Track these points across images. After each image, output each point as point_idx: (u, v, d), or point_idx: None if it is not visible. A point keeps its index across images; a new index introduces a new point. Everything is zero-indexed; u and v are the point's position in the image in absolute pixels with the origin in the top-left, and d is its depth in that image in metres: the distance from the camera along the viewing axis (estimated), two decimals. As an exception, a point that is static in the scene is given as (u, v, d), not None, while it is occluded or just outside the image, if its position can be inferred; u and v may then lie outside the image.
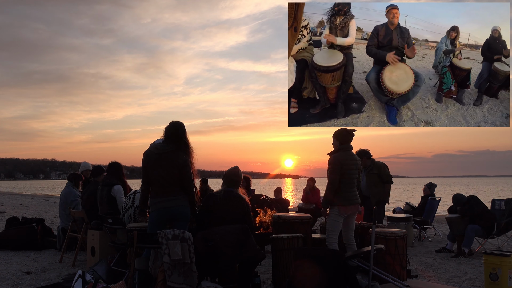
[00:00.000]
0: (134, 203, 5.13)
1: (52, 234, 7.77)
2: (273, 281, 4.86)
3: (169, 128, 4.32)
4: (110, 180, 5.82)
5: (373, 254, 4.24)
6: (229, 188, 4.57)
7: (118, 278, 4.64)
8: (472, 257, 6.61)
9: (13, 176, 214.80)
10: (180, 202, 4.23)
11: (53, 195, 36.51)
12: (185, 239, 3.88)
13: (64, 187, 7.42)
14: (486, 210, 7.06)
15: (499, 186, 65.58)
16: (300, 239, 4.68)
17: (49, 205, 20.09)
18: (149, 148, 4.34)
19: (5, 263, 6.12)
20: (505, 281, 4.51)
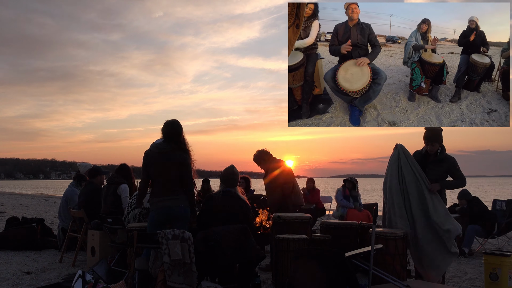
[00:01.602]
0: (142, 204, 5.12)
1: (52, 234, 7.77)
2: (273, 281, 4.86)
3: (166, 128, 4.32)
4: (117, 178, 5.83)
5: (373, 254, 4.23)
6: (227, 188, 4.57)
7: (118, 278, 4.64)
8: (472, 257, 6.61)
9: (13, 176, 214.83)
10: (180, 202, 4.23)
11: (53, 195, 36.52)
12: (185, 239, 3.88)
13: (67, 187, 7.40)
14: (486, 210, 7.07)
15: (499, 186, 65.58)
16: (305, 241, 4.67)
17: (49, 205, 20.10)
18: (150, 148, 4.35)
19: (5, 263, 6.12)
20: (505, 281, 4.51)
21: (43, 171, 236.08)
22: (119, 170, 6.07)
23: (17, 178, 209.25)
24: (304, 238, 4.69)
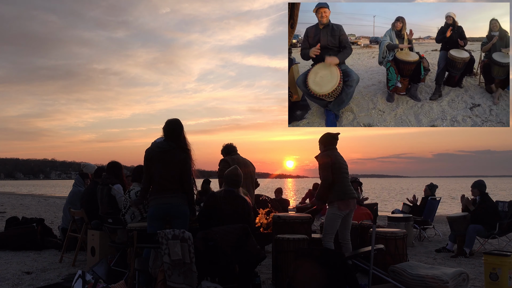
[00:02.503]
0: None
1: (52, 234, 7.77)
2: (273, 281, 4.86)
3: (167, 127, 4.34)
4: (110, 179, 5.82)
5: (373, 254, 4.24)
6: (230, 188, 4.58)
7: (118, 278, 4.64)
8: (472, 257, 6.61)
9: (13, 176, 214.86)
10: (178, 200, 4.26)
11: (53, 195, 36.52)
12: (185, 239, 3.88)
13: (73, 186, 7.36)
14: (495, 210, 6.98)
15: (499, 187, 65.62)
16: (305, 241, 4.67)
17: (49, 205, 20.10)
18: (151, 146, 4.36)
19: (5, 263, 6.11)
20: (505, 281, 4.51)
21: (43, 171, 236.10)
22: (110, 169, 6.00)
23: (17, 178, 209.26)
24: (304, 238, 4.69)
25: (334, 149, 4.92)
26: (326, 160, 4.78)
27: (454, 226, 7.05)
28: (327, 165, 4.75)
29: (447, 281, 4.13)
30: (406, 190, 44.15)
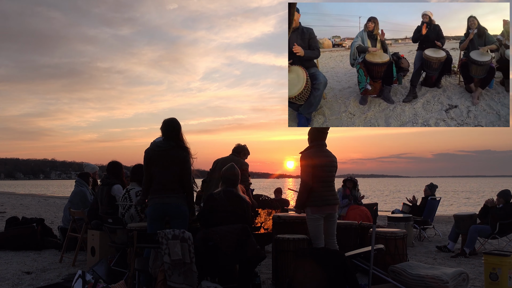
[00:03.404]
0: (133, 201, 5.13)
1: (52, 234, 7.77)
2: (273, 281, 4.86)
3: (165, 126, 4.35)
4: (110, 179, 5.82)
5: (373, 254, 4.24)
6: (228, 187, 4.57)
7: (118, 278, 4.65)
8: (472, 257, 6.61)
9: (13, 176, 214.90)
10: (177, 199, 4.26)
11: (53, 195, 36.53)
12: (185, 239, 3.89)
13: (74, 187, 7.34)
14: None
15: (500, 187, 65.62)
16: (305, 241, 4.67)
17: (49, 205, 20.10)
18: (150, 146, 4.36)
19: (5, 263, 6.12)
20: (505, 281, 4.51)
21: (43, 171, 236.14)
22: (110, 169, 5.98)
23: (17, 178, 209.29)
24: (304, 238, 4.69)
25: (322, 144, 4.76)
26: (307, 162, 4.62)
27: (461, 224, 7.04)
28: (308, 168, 4.59)
29: (447, 281, 4.13)
30: (407, 191, 44.17)
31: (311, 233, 4.64)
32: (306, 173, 4.61)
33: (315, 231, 4.61)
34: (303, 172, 4.64)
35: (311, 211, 4.60)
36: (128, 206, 5.16)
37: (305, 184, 4.61)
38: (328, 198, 4.65)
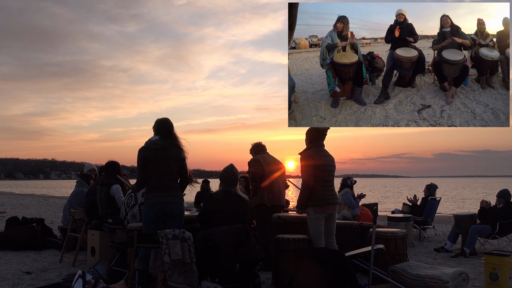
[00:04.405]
0: (138, 200, 5.13)
1: (52, 234, 7.77)
2: (273, 281, 4.86)
3: (161, 125, 4.39)
4: (108, 179, 5.81)
5: (373, 254, 4.24)
6: (227, 187, 4.57)
7: (118, 278, 4.65)
8: (472, 257, 6.61)
9: (13, 176, 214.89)
10: (175, 198, 4.28)
11: (53, 195, 36.53)
12: (185, 239, 3.89)
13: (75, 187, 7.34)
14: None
15: (500, 187, 65.55)
16: (305, 241, 4.67)
17: (49, 205, 20.10)
18: (146, 145, 4.35)
19: (5, 263, 6.12)
20: (505, 281, 4.51)
21: (43, 171, 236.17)
22: (108, 169, 5.98)
23: (17, 178, 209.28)
24: (304, 238, 4.69)
25: (320, 145, 4.75)
26: (307, 162, 4.61)
27: (461, 224, 7.04)
28: (308, 168, 4.58)
29: (447, 281, 4.13)
30: (408, 191, 44.15)
31: (312, 233, 4.63)
32: (306, 174, 4.61)
33: (316, 231, 4.60)
34: (303, 173, 4.64)
35: (313, 211, 4.58)
36: (132, 205, 5.16)
37: (306, 184, 4.61)
38: (329, 198, 4.65)
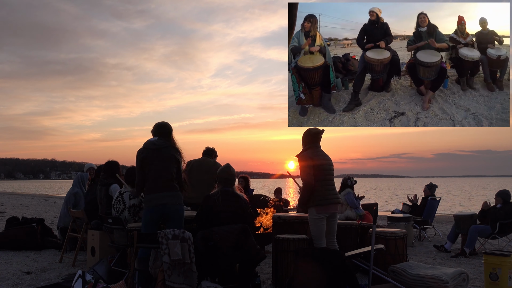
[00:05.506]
0: (126, 204, 5.06)
1: (52, 234, 7.77)
2: (273, 281, 4.86)
3: (160, 128, 4.42)
4: (107, 179, 5.81)
5: (373, 254, 4.24)
6: (225, 187, 4.56)
7: (118, 278, 4.64)
8: (472, 257, 6.61)
9: (13, 176, 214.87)
10: (175, 199, 4.27)
11: (53, 195, 36.50)
12: (185, 239, 3.89)
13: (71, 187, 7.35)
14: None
15: (500, 187, 65.53)
16: (305, 241, 4.67)
17: (49, 205, 20.09)
18: (145, 146, 4.36)
19: (5, 263, 6.12)
20: (505, 281, 4.51)
21: (43, 171, 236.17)
22: (107, 169, 5.95)
23: (17, 178, 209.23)
24: (304, 238, 4.69)
25: (317, 146, 4.70)
26: (307, 163, 4.58)
27: (461, 224, 7.04)
28: (308, 168, 4.55)
29: (447, 281, 4.13)
30: (408, 191, 44.09)
31: (314, 233, 4.62)
32: (307, 174, 4.60)
33: (318, 231, 4.59)
34: (303, 173, 4.62)
35: (316, 211, 4.56)
36: (122, 209, 5.09)
37: (307, 185, 4.60)
38: (331, 198, 4.64)
